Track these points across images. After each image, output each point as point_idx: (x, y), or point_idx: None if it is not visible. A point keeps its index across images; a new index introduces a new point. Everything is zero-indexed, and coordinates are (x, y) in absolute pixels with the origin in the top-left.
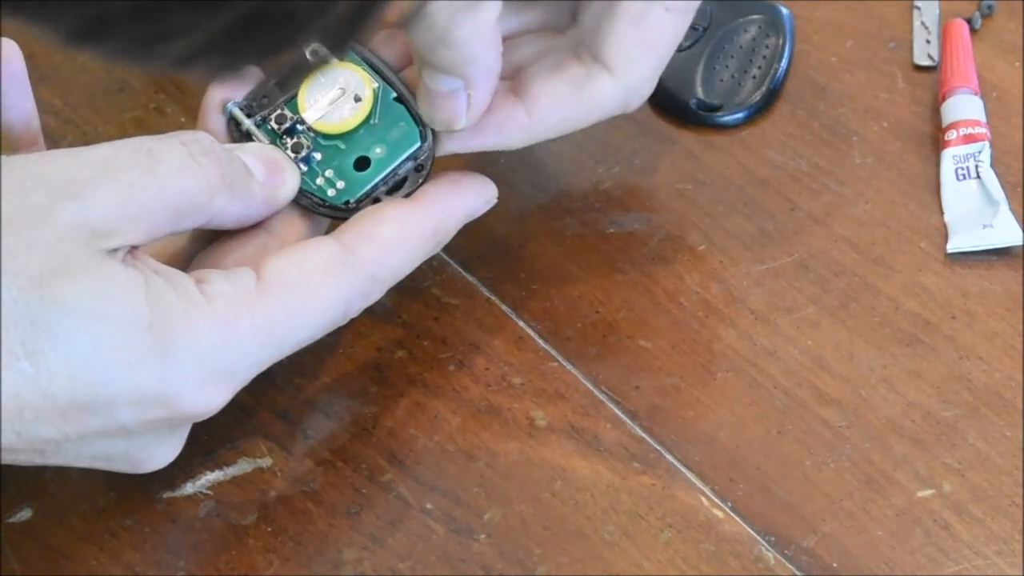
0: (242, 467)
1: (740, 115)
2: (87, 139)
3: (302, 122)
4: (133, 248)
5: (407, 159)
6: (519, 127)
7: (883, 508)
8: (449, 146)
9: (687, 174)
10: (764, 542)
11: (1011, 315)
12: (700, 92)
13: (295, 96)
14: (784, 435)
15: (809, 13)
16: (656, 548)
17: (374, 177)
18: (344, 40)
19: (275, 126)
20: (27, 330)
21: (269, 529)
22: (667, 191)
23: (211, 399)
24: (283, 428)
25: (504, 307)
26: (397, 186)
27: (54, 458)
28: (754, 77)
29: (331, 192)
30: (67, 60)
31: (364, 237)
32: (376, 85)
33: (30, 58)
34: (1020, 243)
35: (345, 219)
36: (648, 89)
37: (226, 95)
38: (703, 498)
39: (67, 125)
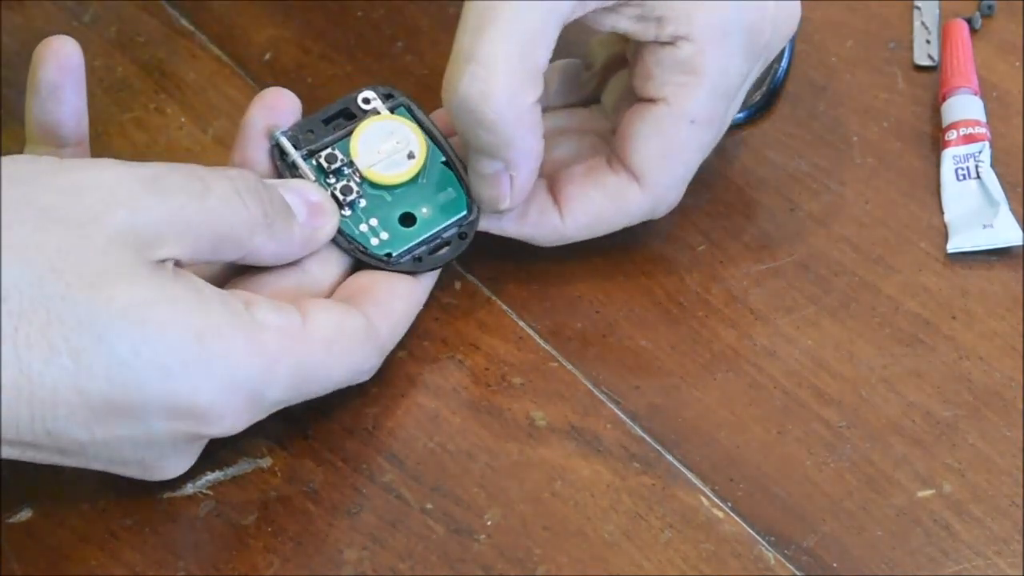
0: (242, 467)
1: (740, 115)
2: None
3: (351, 166)
4: (177, 263)
5: (452, 225)
6: (552, 227)
7: (883, 508)
8: (485, 224)
9: None
10: (764, 542)
11: (1011, 315)
12: None
13: (345, 138)
14: (784, 435)
15: (809, 13)
16: (656, 548)
17: (419, 235)
18: None
19: (324, 164)
20: (72, 327)
21: (269, 529)
22: None
23: (236, 421)
24: (283, 428)
25: (504, 307)
26: (438, 248)
27: (73, 459)
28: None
29: (374, 241)
30: None
31: (384, 314)
32: (428, 146)
33: (30, 58)
34: (1020, 243)
35: (382, 269)
36: (675, 197)
37: (271, 122)
38: (703, 498)
39: None
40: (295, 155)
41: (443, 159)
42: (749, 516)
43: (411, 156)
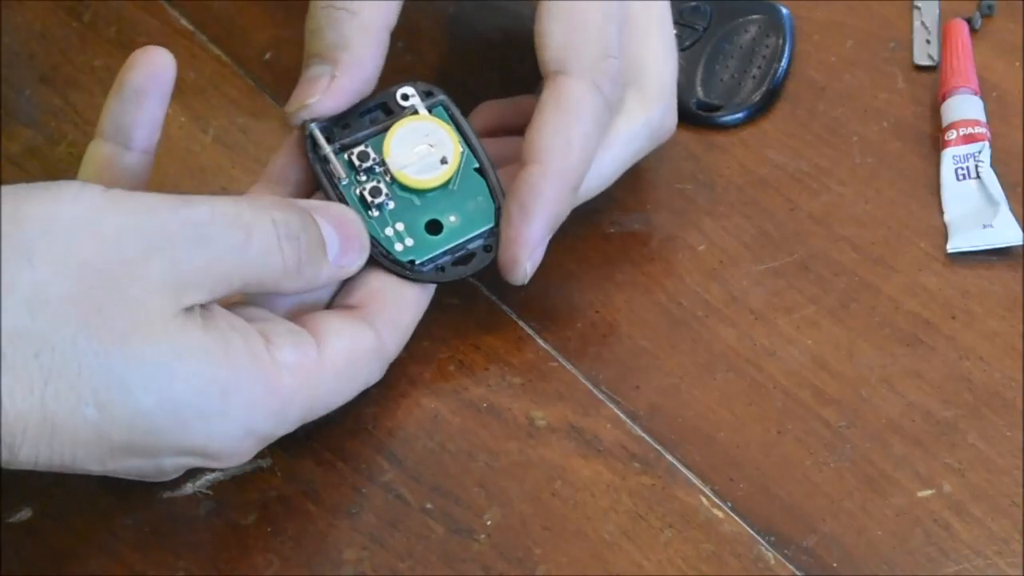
0: (242, 467)
1: (740, 115)
2: (87, 139)
3: (383, 165)
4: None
5: (478, 236)
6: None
7: (883, 508)
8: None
9: (687, 174)
10: (764, 542)
11: (1011, 315)
12: (700, 92)
13: (379, 135)
14: (784, 435)
15: (809, 13)
16: (656, 548)
17: (444, 244)
18: None
19: (356, 161)
20: (102, 381)
21: (269, 529)
22: (667, 191)
23: (244, 456)
24: None
25: (504, 307)
26: (463, 260)
27: (81, 472)
28: (754, 77)
29: (399, 247)
30: (68, 60)
31: (392, 327)
32: (462, 150)
33: (30, 58)
34: (1020, 243)
35: (403, 277)
36: (603, 65)
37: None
38: (703, 498)
39: (67, 125)
40: (327, 149)
41: (476, 166)
42: (749, 516)
43: (444, 161)
